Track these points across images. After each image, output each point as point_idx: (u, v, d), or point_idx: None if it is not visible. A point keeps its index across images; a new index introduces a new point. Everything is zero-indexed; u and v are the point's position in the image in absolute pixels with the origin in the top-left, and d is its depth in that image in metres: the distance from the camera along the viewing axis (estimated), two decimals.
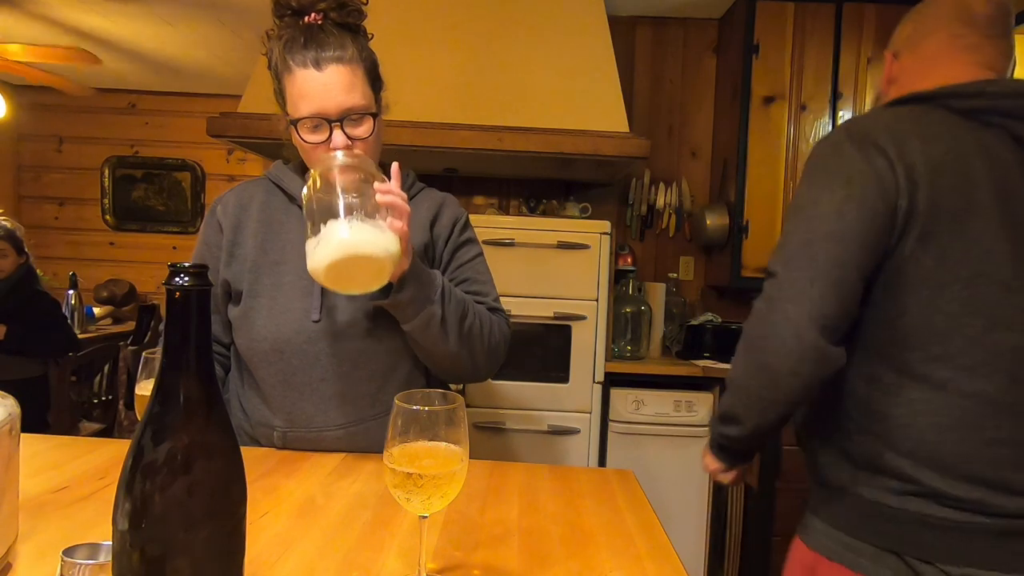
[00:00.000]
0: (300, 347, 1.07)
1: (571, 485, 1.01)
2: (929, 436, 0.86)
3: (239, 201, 1.16)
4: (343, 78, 1.01)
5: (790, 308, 0.87)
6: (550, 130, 2.34)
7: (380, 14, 2.17)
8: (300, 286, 1.08)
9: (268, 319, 1.08)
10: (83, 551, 0.58)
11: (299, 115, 1.02)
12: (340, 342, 1.07)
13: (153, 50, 3.58)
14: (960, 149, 0.88)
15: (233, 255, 1.12)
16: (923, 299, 0.87)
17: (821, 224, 0.88)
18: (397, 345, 1.10)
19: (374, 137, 1.04)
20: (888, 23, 2.62)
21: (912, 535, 0.86)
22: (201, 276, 0.48)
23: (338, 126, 1.01)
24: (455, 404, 0.65)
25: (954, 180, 0.86)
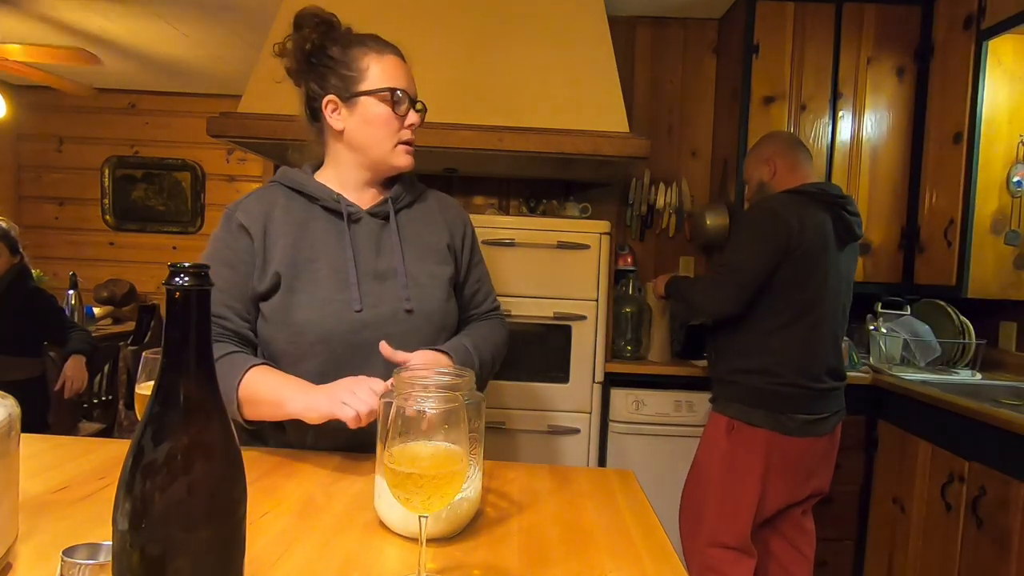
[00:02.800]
0: (344, 337, 1.10)
1: (571, 485, 1.01)
2: (787, 352, 1.88)
3: (261, 207, 1.17)
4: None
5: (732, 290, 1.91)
6: (550, 130, 2.34)
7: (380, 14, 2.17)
8: (336, 279, 1.12)
9: (311, 312, 1.11)
10: (83, 551, 0.58)
11: (397, 86, 1.15)
12: (382, 330, 1.11)
13: (153, 50, 3.58)
14: (819, 218, 1.87)
15: (267, 260, 1.14)
16: (790, 291, 1.87)
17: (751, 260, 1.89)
18: (434, 331, 1.17)
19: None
20: (888, 23, 2.62)
21: (775, 400, 1.87)
22: (201, 276, 0.48)
23: (416, 106, 1.17)
24: (455, 404, 0.65)
25: (817, 236, 1.86)
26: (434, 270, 1.19)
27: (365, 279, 1.14)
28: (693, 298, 2.01)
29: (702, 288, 2.00)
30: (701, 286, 2.02)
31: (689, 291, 2.06)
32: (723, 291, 1.89)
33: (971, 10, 2.35)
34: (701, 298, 1.97)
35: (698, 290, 2.02)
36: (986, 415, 1.78)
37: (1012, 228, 2.35)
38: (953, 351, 2.50)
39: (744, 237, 1.91)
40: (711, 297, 1.93)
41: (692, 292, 2.04)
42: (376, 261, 1.16)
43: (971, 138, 2.34)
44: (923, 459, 2.06)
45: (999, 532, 1.72)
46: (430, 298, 1.17)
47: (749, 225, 1.92)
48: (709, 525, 1.94)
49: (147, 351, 0.86)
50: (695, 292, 2.02)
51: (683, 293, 2.11)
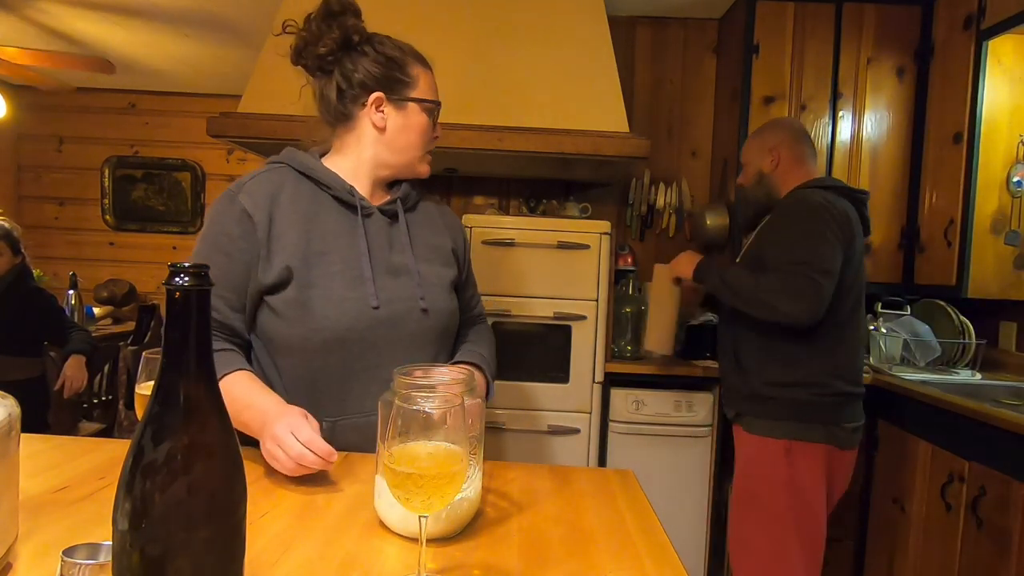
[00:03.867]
0: (361, 334, 1.09)
1: (571, 485, 1.01)
2: (836, 358, 1.74)
3: (266, 191, 1.12)
4: None
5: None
6: (550, 130, 2.34)
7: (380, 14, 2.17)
8: (351, 275, 1.11)
9: (327, 308, 1.08)
10: (83, 551, 0.58)
11: (438, 99, 1.24)
12: (398, 328, 1.12)
13: (153, 50, 3.58)
14: (849, 212, 1.73)
15: (272, 249, 1.08)
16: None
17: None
18: (443, 332, 1.20)
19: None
20: (888, 23, 2.62)
21: (829, 411, 1.72)
22: (201, 276, 0.48)
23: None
24: (455, 404, 0.65)
25: (858, 233, 1.75)
26: (441, 271, 1.21)
27: (380, 275, 1.13)
28: (779, 304, 1.63)
29: (788, 292, 1.63)
30: (786, 289, 1.63)
31: (766, 294, 1.66)
32: (817, 295, 1.60)
33: (971, 10, 2.35)
34: (791, 305, 1.62)
35: (786, 295, 1.63)
36: (986, 415, 1.78)
37: (1012, 228, 2.35)
38: (953, 351, 2.50)
39: (811, 228, 1.66)
40: (803, 302, 1.61)
41: (772, 296, 1.65)
42: (389, 258, 1.16)
43: (971, 138, 2.34)
44: (923, 459, 2.06)
45: (999, 532, 1.72)
46: (440, 298, 1.19)
47: (810, 217, 1.67)
48: (787, 566, 1.70)
49: (147, 351, 0.86)
50: (779, 297, 1.64)
51: (754, 295, 1.69)
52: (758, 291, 1.67)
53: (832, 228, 1.65)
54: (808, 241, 1.65)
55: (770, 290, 1.65)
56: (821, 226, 1.65)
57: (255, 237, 1.08)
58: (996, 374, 2.41)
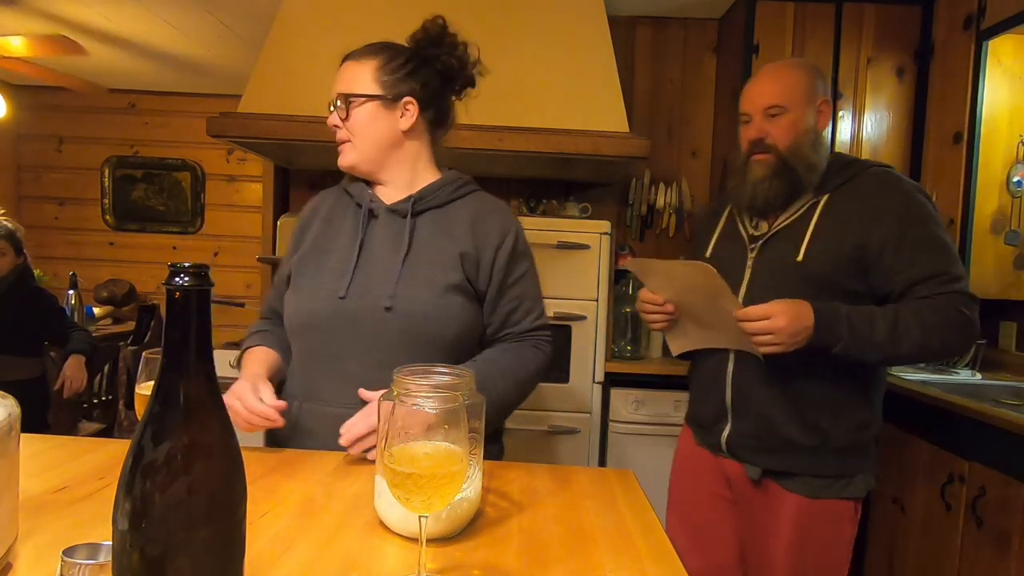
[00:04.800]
0: (324, 322, 1.15)
1: (571, 485, 1.01)
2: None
3: (313, 205, 1.31)
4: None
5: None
6: (550, 130, 2.34)
7: (379, 14, 2.17)
8: (340, 269, 1.17)
9: (303, 297, 1.18)
10: (83, 551, 0.58)
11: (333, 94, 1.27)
12: (359, 322, 1.14)
13: (153, 50, 3.58)
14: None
15: (296, 250, 1.26)
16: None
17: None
18: (416, 336, 1.13)
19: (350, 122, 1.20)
20: (888, 23, 2.62)
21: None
22: (201, 276, 0.48)
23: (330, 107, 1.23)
24: (455, 404, 0.65)
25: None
26: (433, 274, 1.15)
27: (361, 272, 1.16)
28: (952, 343, 1.29)
29: (955, 325, 1.26)
30: (953, 322, 1.26)
31: (937, 337, 1.26)
32: (976, 318, 1.27)
33: (971, 10, 2.35)
34: (962, 340, 1.29)
35: (958, 330, 1.27)
36: (986, 415, 1.78)
37: (1012, 228, 2.35)
38: None
39: (940, 229, 1.32)
40: (970, 331, 1.28)
41: (945, 337, 1.27)
42: (384, 255, 1.17)
43: (971, 138, 2.34)
44: (923, 459, 2.06)
45: (999, 532, 1.72)
46: (416, 299, 1.13)
47: (935, 212, 1.33)
48: None
49: (147, 351, 0.86)
50: (951, 335, 1.27)
51: (925, 344, 1.26)
52: (928, 338, 1.24)
53: (940, 223, 1.33)
54: (948, 247, 1.30)
55: (940, 329, 1.25)
56: (936, 222, 1.32)
57: (295, 242, 1.28)
58: (996, 374, 2.41)
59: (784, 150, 1.34)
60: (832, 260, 1.30)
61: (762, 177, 1.35)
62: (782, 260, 1.35)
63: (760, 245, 1.39)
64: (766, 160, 1.35)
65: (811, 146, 1.34)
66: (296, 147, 2.49)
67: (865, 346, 1.24)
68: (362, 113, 1.17)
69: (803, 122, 1.34)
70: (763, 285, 1.35)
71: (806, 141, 1.34)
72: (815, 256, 1.32)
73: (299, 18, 2.48)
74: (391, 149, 1.21)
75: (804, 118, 1.35)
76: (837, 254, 1.30)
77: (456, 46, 1.24)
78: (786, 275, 1.33)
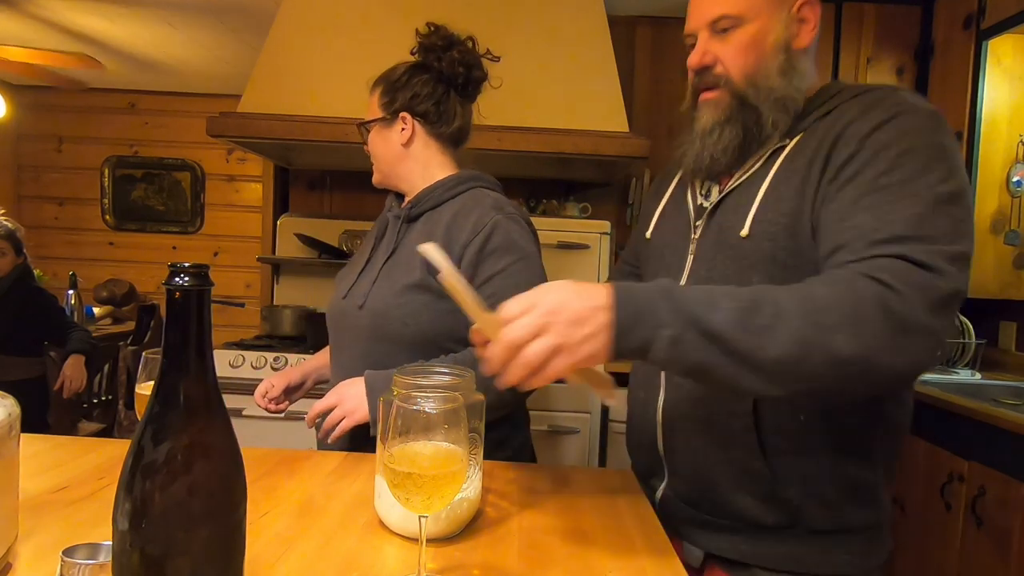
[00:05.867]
0: (331, 320, 1.30)
1: (571, 485, 1.01)
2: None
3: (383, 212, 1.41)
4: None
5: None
6: (550, 130, 2.34)
7: (379, 15, 2.17)
8: (351, 274, 1.30)
9: (331, 299, 1.33)
10: (83, 551, 0.58)
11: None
12: (345, 319, 1.25)
13: (153, 50, 3.58)
14: None
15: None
16: None
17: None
18: (383, 334, 1.18)
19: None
20: (888, 23, 2.62)
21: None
22: (201, 276, 0.48)
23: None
24: (455, 404, 0.65)
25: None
26: (400, 274, 1.19)
27: (364, 275, 1.26)
28: (860, 342, 0.70)
29: (862, 315, 0.70)
30: (854, 309, 0.71)
31: (834, 327, 0.70)
32: (907, 308, 0.70)
33: (971, 10, 2.35)
34: (874, 333, 0.70)
35: (871, 326, 0.70)
36: (986, 415, 1.78)
37: (1012, 228, 2.35)
38: (953, 351, 2.50)
39: (916, 171, 0.79)
40: (899, 331, 0.70)
41: (843, 329, 0.70)
42: (379, 261, 1.26)
43: (971, 138, 2.34)
44: (923, 459, 2.06)
45: (999, 532, 1.72)
46: (378, 298, 1.19)
47: (938, 128, 0.85)
48: None
49: (147, 351, 0.86)
50: (856, 327, 0.70)
51: (815, 339, 0.70)
52: (812, 331, 0.70)
53: (957, 157, 0.83)
54: (921, 197, 0.77)
55: (829, 312, 0.70)
56: (943, 148, 0.82)
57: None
58: (996, 374, 2.41)
59: (739, 80, 0.91)
60: (782, 231, 0.86)
61: (710, 125, 0.93)
62: (725, 236, 0.92)
63: (706, 218, 0.96)
64: (716, 99, 0.93)
65: (780, 72, 0.90)
66: (296, 147, 2.49)
67: (703, 341, 0.70)
68: (373, 138, 1.28)
69: (767, 36, 0.90)
70: (703, 276, 0.94)
71: (773, 65, 0.90)
72: (764, 228, 0.87)
73: (299, 18, 2.48)
74: (398, 162, 1.28)
75: (769, 30, 0.90)
76: (787, 223, 0.86)
77: (452, 45, 1.25)
78: (728, 258, 0.91)
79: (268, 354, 2.34)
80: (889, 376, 0.72)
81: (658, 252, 1.03)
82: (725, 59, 0.92)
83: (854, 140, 0.82)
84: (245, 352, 2.34)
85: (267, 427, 2.17)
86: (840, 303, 0.70)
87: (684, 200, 1.03)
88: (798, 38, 0.92)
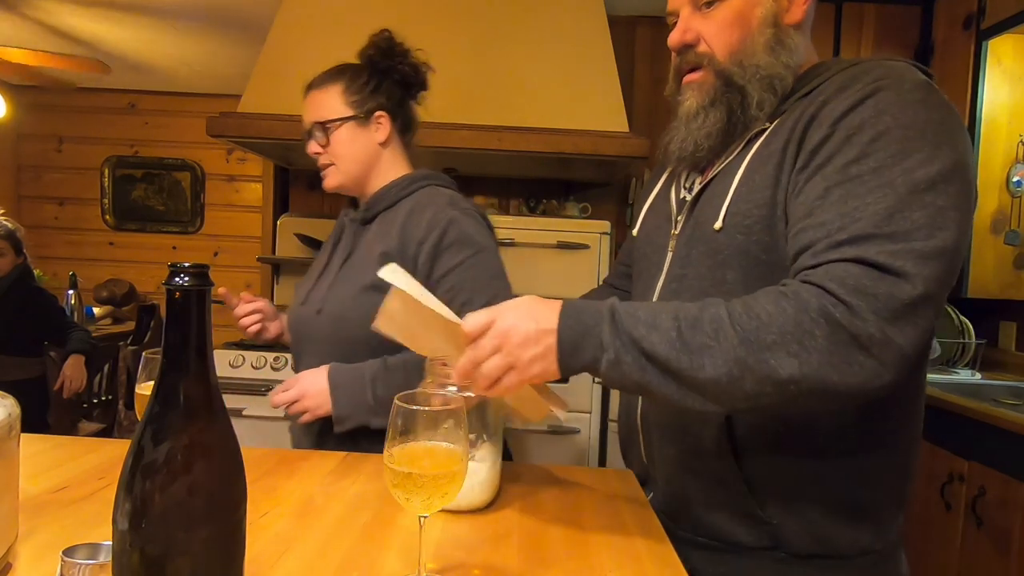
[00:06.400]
0: (291, 326, 1.32)
1: (571, 485, 1.01)
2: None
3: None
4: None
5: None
6: (550, 130, 2.34)
7: (379, 14, 2.17)
8: (309, 281, 1.31)
9: (290, 308, 1.35)
10: (83, 551, 0.58)
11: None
12: (306, 326, 1.26)
13: (153, 50, 3.58)
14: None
15: None
16: None
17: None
18: (345, 337, 1.18)
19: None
20: (888, 23, 2.62)
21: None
22: (201, 276, 0.48)
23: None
24: (455, 404, 0.65)
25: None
26: (356, 276, 1.21)
27: (322, 281, 1.27)
28: (802, 369, 0.66)
29: (802, 334, 0.67)
30: (792, 327, 0.67)
31: (752, 347, 0.68)
32: (914, 317, 0.67)
33: (971, 10, 2.35)
34: (818, 362, 0.66)
35: (808, 351, 0.66)
36: (986, 415, 1.78)
37: (1012, 228, 2.35)
38: (953, 351, 2.50)
39: (892, 156, 0.71)
40: (846, 358, 0.66)
41: (790, 345, 0.67)
42: (336, 265, 1.27)
43: (971, 138, 2.34)
44: (923, 459, 2.06)
45: (999, 532, 1.72)
46: (336, 302, 1.20)
47: (922, 107, 0.73)
48: None
49: (147, 351, 0.86)
50: (801, 340, 0.67)
51: (756, 357, 0.68)
52: (758, 342, 0.68)
53: (960, 146, 0.73)
54: (894, 187, 0.70)
55: (783, 333, 0.67)
56: (940, 132, 0.72)
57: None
58: (996, 374, 2.41)
59: (724, 58, 0.85)
60: (756, 224, 0.80)
61: (695, 109, 0.87)
62: (701, 231, 0.86)
63: (686, 212, 0.91)
64: (700, 80, 0.87)
65: (767, 48, 0.83)
66: (296, 147, 2.48)
67: (641, 361, 0.71)
68: (341, 136, 1.24)
69: (753, 10, 0.84)
70: (679, 274, 0.89)
71: (760, 41, 0.83)
72: (739, 220, 0.81)
73: (299, 18, 2.48)
74: (372, 164, 1.27)
75: (756, 3, 0.84)
76: (761, 215, 0.80)
77: (407, 54, 1.28)
78: (702, 253, 0.85)
79: (268, 354, 2.34)
80: (842, 393, 0.67)
81: (642, 249, 1.00)
82: (708, 36, 0.85)
83: (827, 122, 0.75)
84: (245, 352, 2.34)
85: (267, 427, 2.17)
86: (782, 319, 0.67)
87: (669, 194, 0.98)
88: (789, 12, 0.85)
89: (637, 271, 1.03)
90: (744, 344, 0.67)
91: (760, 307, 0.69)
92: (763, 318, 0.68)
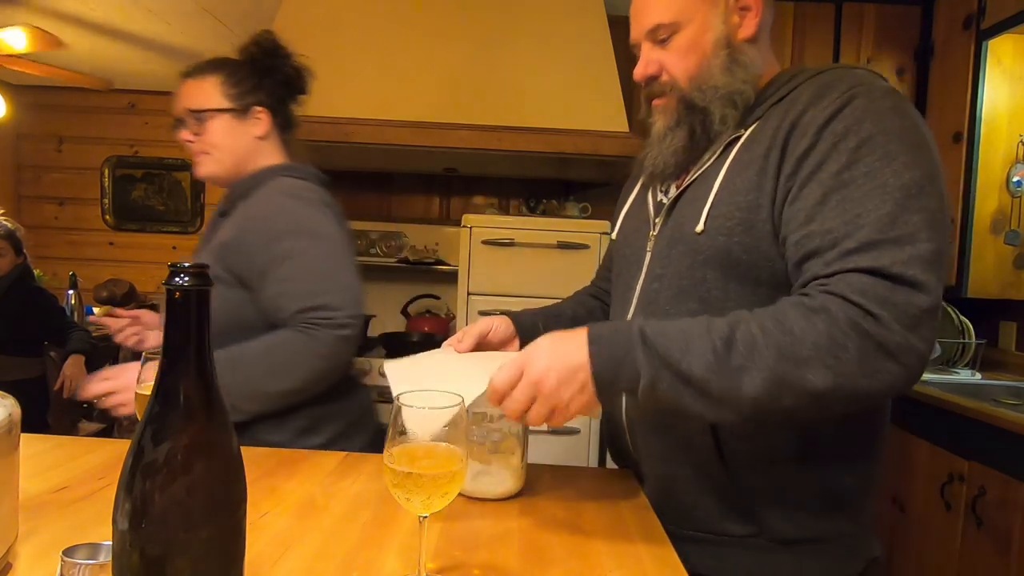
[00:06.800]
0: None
1: (571, 485, 1.01)
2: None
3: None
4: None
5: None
6: (550, 130, 2.34)
7: (379, 14, 2.17)
8: None
9: None
10: (83, 551, 0.58)
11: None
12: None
13: (153, 50, 3.58)
14: None
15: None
16: None
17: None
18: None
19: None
20: (888, 23, 2.62)
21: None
22: (201, 276, 0.48)
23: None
24: (455, 404, 0.65)
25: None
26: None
27: None
28: (837, 381, 0.70)
29: (831, 348, 0.70)
30: (821, 341, 0.70)
31: (822, 356, 0.70)
32: (928, 324, 0.71)
33: (971, 10, 2.35)
34: (847, 370, 0.70)
35: (837, 361, 0.70)
36: (986, 415, 1.78)
37: (1012, 228, 2.35)
38: (953, 351, 2.50)
39: (880, 162, 0.75)
40: (871, 363, 0.70)
41: (812, 360, 0.70)
42: (201, 257, 1.26)
43: (971, 138, 2.34)
44: (923, 459, 2.06)
45: (999, 532, 1.72)
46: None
47: (893, 114, 0.78)
48: None
49: (147, 351, 0.86)
50: (826, 362, 0.70)
51: (792, 370, 0.71)
52: (795, 358, 0.70)
53: (931, 158, 0.78)
54: (889, 190, 0.74)
55: (818, 348, 0.70)
56: (916, 151, 0.77)
57: None
58: (996, 374, 2.42)
59: (685, 84, 0.91)
60: (737, 226, 0.83)
61: (663, 131, 0.96)
62: (680, 232, 0.90)
63: (664, 215, 0.96)
64: (664, 105, 0.95)
65: (723, 69, 0.89)
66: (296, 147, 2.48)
67: (678, 384, 0.73)
68: (216, 126, 1.26)
69: (705, 36, 0.89)
70: (658, 273, 0.93)
71: (715, 64, 0.89)
72: (720, 222, 0.85)
73: (299, 18, 2.48)
74: (249, 156, 1.29)
75: (707, 28, 0.89)
76: (743, 217, 0.83)
77: (290, 56, 1.31)
78: (682, 253, 0.89)
79: None
80: (872, 397, 0.72)
81: (621, 251, 1.04)
82: (668, 66, 0.92)
83: (811, 130, 0.79)
84: None
85: None
86: (815, 334, 0.70)
87: (645, 199, 1.04)
88: (741, 28, 0.90)
89: (616, 271, 1.08)
90: (781, 361, 0.70)
91: (791, 322, 0.72)
92: (796, 333, 0.71)
